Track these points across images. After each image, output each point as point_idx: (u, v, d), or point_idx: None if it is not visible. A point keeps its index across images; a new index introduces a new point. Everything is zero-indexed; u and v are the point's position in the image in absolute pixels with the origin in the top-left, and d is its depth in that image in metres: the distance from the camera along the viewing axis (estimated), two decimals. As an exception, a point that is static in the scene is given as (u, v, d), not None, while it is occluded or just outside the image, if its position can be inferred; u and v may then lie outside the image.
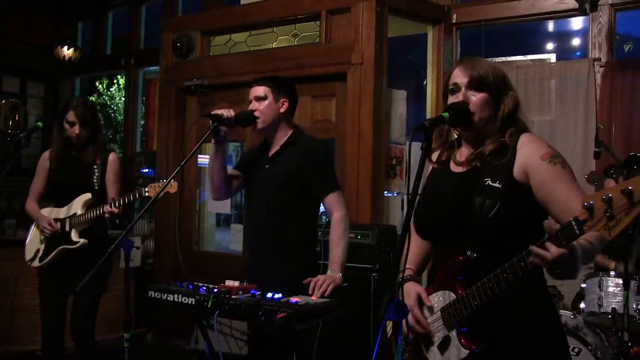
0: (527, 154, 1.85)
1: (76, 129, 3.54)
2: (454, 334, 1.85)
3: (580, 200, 1.50)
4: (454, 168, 2.03)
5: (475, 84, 1.91)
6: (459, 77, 1.95)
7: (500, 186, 1.84)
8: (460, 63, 1.99)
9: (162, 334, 5.68)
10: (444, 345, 1.87)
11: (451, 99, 1.96)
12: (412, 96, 5.34)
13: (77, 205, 3.56)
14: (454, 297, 1.86)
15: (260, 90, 3.04)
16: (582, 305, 4.08)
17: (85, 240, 3.54)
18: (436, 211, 1.96)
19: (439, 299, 1.92)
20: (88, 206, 3.55)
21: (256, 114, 2.99)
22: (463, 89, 1.93)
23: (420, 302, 1.95)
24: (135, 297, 5.30)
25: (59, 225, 3.58)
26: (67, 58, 6.98)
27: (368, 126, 4.70)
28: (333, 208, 2.95)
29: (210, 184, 3.05)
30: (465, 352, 1.80)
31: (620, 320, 3.65)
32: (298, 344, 2.66)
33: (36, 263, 3.65)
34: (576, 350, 3.66)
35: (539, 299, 1.91)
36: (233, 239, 5.55)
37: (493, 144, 1.91)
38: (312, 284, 2.72)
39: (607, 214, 1.40)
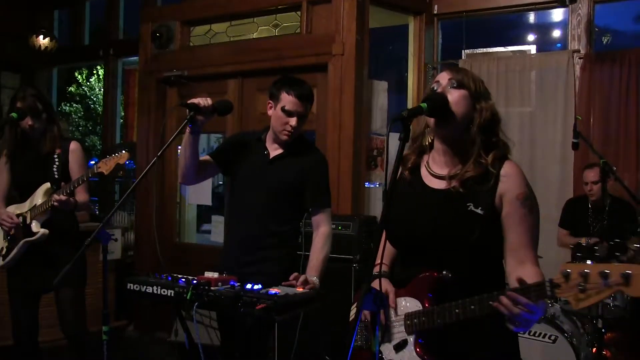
0: (508, 187, 1.88)
1: (28, 121, 3.39)
2: (411, 340, 1.89)
3: (529, 249, 1.74)
4: (430, 181, 2.00)
5: (455, 83, 1.93)
6: (441, 77, 1.97)
7: (482, 213, 1.86)
8: (446, 68, 2.04)
9: (144, 327, 5.66)
10: (399, 347, 1.92)
11: None
12: (393, 87, 5.35)
13: (38, 196, 3.40)
14: (421, 307, 1.90)
15: (305, 108, 2.93)
16: (559, 294, 4.13)
17: (46, 231, 3.37)
18: (413, 227, 1.96)
19: (407, 304, 1.95)
20: (49, 195, 3.36)
21: (290, 128, 2.89)
22: (443, 84, 1.94)
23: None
24: (116, 290, 5.27)
25: (20, 219, 3.42)
26: (42, 48, 6.85)
27: (349, 117, 4.70)
28: (321, 224, 2.96)
29: (180, 169, 3.00)
30: None
31: (595, 308, 3.70)
32: (275, 334, 2.67)
33: (0, 262, 3.49)
34: (552, 337, 3.71)
35: (505, 331, 1.92)
36: (214, 231, 5.54)
37: (475, 169, 1.90)
38: (299, 281, 2.71)
39: (580, 287, 1.49)
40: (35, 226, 3.39)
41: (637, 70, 4.92)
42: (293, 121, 2.88)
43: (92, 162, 3.29)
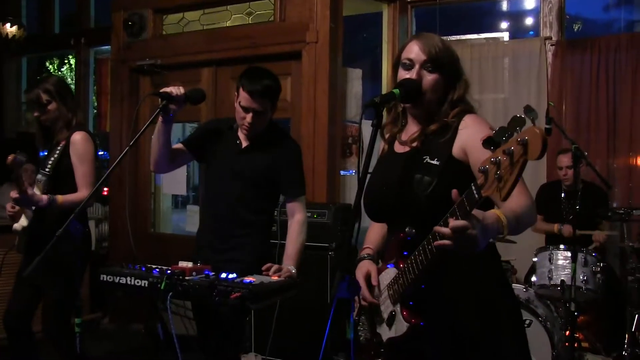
0: (469, 134, 1.85)
1: (52, 106, 3.32)
2: (397, 308, 1.87)
3: None
4: (398, 148, 2.04)
5: (430, 64, 1.90)
6: (415, 53, 1.92)
7: (438, 163, 1.85)
8: (418, 38, 1.96)
9: (119, 319, 5.62)
10: (391, 320, 1.89)
11: (402, 73, 1.94)
12: (367, 75, 5.35)
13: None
14: (397, 272, 1.88)
15: (260, 105, 2.84)
16: (533, 278, 4.21)
17: (19, 226, 3.27)
18: (380, 192, 1.96)
19: (387, 276, 1.94)
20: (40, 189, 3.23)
21: (247, 124, 2.84)
22: (417, 66, 1.91)
23: (369, 281, 1.97)
24: (90, 282, 5.21)
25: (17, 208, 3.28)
26: (10, 36, 6.69)
27: (323, 105, 4.69)
28: (296, 211, 2.94)
29: (152, 157, 2.97)
30: (405, 326, 1.82)
31: (568, 292, 3.76)
32: (254, 322, 2.66)
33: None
34: (527, 322, 3.75)
35: (492, 274, 1.92)
36: (189, 221, 5.50)
37: (435, 125, 1.92)
38: (272, 270, 2.70)
39: (496, 175, 1.40)
40: (23, 219, 3.30)
41: (607, 57, 4.99)
42: (249, 117, 2.83)
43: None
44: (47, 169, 3.26)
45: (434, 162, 1.86)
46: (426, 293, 1.83)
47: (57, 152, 3.28)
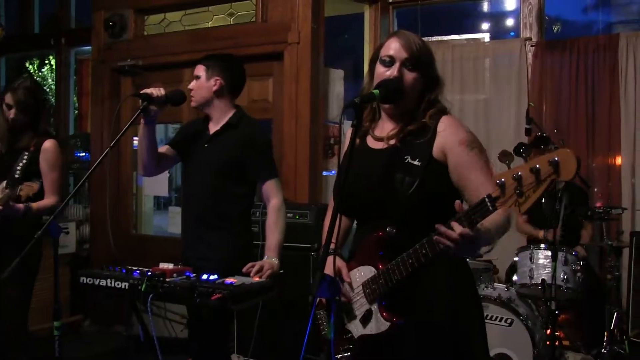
0: (447, 136, 1.88)
1: (11, 113, 3.31)
2: (375, 307, 1.88)
3: (489, 185, 1.56)
4: (372, 144, 2.03)
5: (411, 63, 1.91)
6: (396, 50, 1.92)
7: (420, 164, 1.86)
8: (398, 35, 1.96)
9: (100, 321, 5.57)
10: (366, 318, 1.91)
11: (381, 70, 1.94)
12: (349, 75, 5.36)
13: None
14: (375, 272, 1.89)
15: (198, 69, 3.03)
16: (514, 277, 4.24)
17: None
18: (357, 188, 1.96)
19: (360, 274, 1.95)
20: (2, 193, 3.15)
21: (191, 93, 2.97)
22: (398, 63, 1.92)
23: (340, 277, 1.98)
24: (71, 284, 5.16)
25: None
26: (-11, 36, 6.63)
27: (305, 106, 4.69)
28: (270, 195, 2.94)
29: (139, 161, 2.99)
30: (386, 325, 1.84)
31: (549, 291, 3.79)
32: (237, 324, 2.66)
33: None
34: (509, 321, 3.78)
35: (463, 274, 1.96)
36: (171, 222, 5.47)
37: (414, 125, 1.93)
38: (253, 271, 2.71)
39: (517, 191, 1.46)
40: None
41: (586, 58, 5.04)
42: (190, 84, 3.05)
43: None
44: (16, 174, 3.17)
45: (416, 162, 1.87)
46: (402, 291, 1.84)
47: (25, 158, 3.25)
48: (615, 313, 4.10)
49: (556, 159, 1.39)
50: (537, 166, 1.42)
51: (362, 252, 1.97)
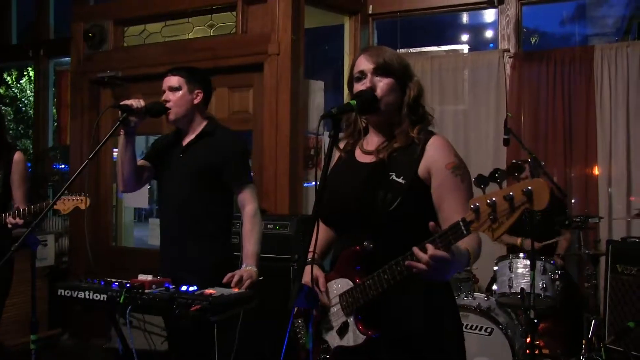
0: (434, 157, 1.89)
1: None
2: (351, 320, 1.89)
3: (465, 211, 1.56)
4: (361, 157, 2.05)
5: (380, 70, 1.94)
6: (364, 64, 1.96)
7: (403, 182, 1.88)
8: (364, 51, 2.01)
9: (78, 334, 5.51)
10: (342, 330, 1.91)
11: (357, 87, 1.96)
12: (329, 87, 5.39)
13: None
14: (352, 285, 1.89)
15: (174, 80, 3.00)
16: (494, 287, 4.27)
17: None
18: (340, 200, 1.97)
19: (338, 286, 1.95)
20: None
21: (169, 104, 2.95)
22: (369, 75, 1.94)
23: (317, 285, 1.98)
24: (49, 297, 5.10)
25: None
26: (-35, 47, 6.55)
27: (285, 117, 4.70)
28: (246, 202, 2.93)
29: (119, 175, 2.97)
30: (362, 338, 1.85)
31: (528, 299, 3.82)
32: (218, 335, 2.64)
33: None
34: (489, 330, 3.81)
35: (440, 288, 1.95)
36: (152, 234, 5.43)
37: (401, 140, 1.94)
38: (233, 281, 2.70)
39: (491, 217, 1.47)
40: None
41: (562, 69, 5.11)
42: (165, 95, 3.02)
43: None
44: None
45: (400, 180, 1.88)
46: (377, 305, 1.85)
47: (1, 173, 3.33)
48: (593, 321, 4.13)
49: (530, 188, 1.40)
50: (511, 194, 1.43)
51: (340, 265, 1.98)
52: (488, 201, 1.47)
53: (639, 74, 4.88)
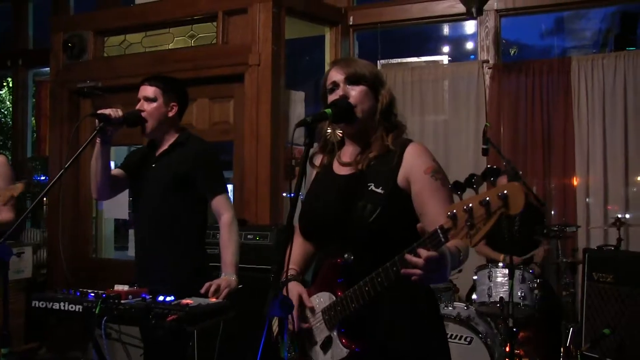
0: (413, 164, 1.89)
1: None
2: (335, 334, 1.87)
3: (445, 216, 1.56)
4: (338, 169, 2.04)
5: (352, 79, 1.95)
6: (336, 75, 1.97)
7: (382, 192, 1.87)
8: (334, 64, 2.02)
9: (56, 348, 5.42)
10: (326, 345, 1.89)
11: (331, 97, 1.97)
12: (310, 97, 5.40)
13: None
14: (334, 298, 1.88)
15: (150, 90, 2.97)
16: (474, 296, 4.28)
17: None
18: (320, 214, 1.97)
19: (320, 300, 1.94)
20: None
21: (144, 114, 2.92)
22: (342, 84, 1.95)
23: (301, 303, 1.96)
24: (26, 311, 5.02)
25: None
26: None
27: (266, 127, 4.71)
28: (221, 210, 2.92)
29: (93, 183, 2.94)
30: (345, 352, 1.83)
31: (507, 308, 3.84)
32: (194, 346, 2.62)
33: None
34: (468, 339, 3.81)
35: (424, 300, 1.95)
36: (132, 245, 5.39)
37: (377, 149, 1.94)
38: (211, 290, 2.69)
39: (468, 223, 1.46)
40: None
41: (541, 80, 5.18)
42: (139, 105, 2.97)
43: None
44: None
45: (379, 190, 1.88)
46: (361, 318, 1.84)
47: None
48: (571, 329, 4.16)
49: (505, 192, 1.40)
50: (487, 199, 1.42)
51: (321, 279, 1.97)
52: (465, 207, 1.46)
53: (615, 85, 4.96)
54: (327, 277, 1.93)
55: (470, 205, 1.45)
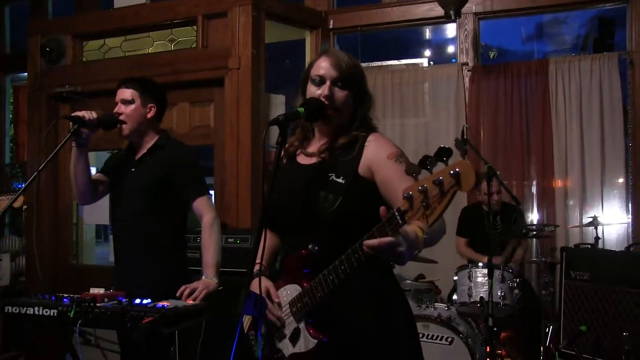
0: (374, 151, 1.90)
1: None
2: (302, 325, 1.87)
3: None
4: (303, 160, 2.05)
5: (341, 81, 1.93)
6: (326, 69, 1.94)
7: (343, 182, 1.88)
8: (327, 54, 1.98)
9: (36, 356, 5.35)
10: (294, 337, 1.89)
11: (312, 90, 1.95)
12: (291, 101, 5.39)
13: None
14: (300, 290, 1.88)
15: (127, 93, 2.95)
16: (454, 297, 4.30)
17: None
18: (284, 204, 1.97)
19: (287, 293, 1.94)
20: None
21: (122, 117, 2.90)
22: (328, 82, 1.93)
23: (269, 297, 1.96)
24: (4, 319, 4.96)
25: None
26: None
27: (246, 131, 4.70)
28: (203, 212, 2.90)
29: (74, 188, 2.92)
30: (313, 342, 1.83)
31: (487, 308, 3.85)
32: (175, 350, 2.61)
33: None
34: (449, 339, 3.83)
35: (390, 289, 1.97)
36: (112, 251, 5.35)
37: (343, 139, 1.95)
38: (185, 292, 2.67)
39: (424, 204, 1.46)
40: None
41: (519, 81, 5.23)
42: (117, 107, 2.96)
43: None
44: None
45: (340, 180, 1.88)
46: (328, 308, 1.84)
47: None
48: (551, 327, 4.19)
49: (457, 170, 1.39)
50: (440, 178, 1.42)
51: (287, 271, 1.97)
52: (419, 188, 1.46)
53: (591, 86, 5.02)
54: (294, 269, 1.93)
55: (425, 185, 1.45)
